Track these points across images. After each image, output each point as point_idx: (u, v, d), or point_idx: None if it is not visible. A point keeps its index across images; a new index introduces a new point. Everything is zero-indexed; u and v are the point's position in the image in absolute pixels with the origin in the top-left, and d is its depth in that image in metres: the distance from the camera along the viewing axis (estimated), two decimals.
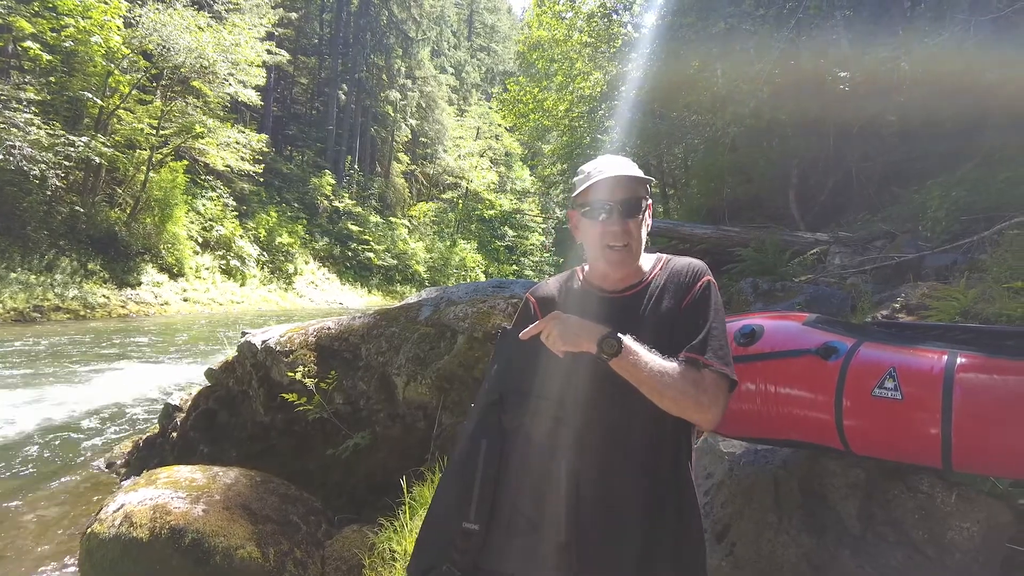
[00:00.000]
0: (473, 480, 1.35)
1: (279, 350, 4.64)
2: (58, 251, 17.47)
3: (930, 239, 5.98)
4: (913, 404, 1.66)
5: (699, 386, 1.28)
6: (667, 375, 1.26)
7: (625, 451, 1.36)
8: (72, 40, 17.01)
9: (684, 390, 1.27)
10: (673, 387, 1.26)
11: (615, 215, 1.40)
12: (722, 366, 1.32)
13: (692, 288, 1.42)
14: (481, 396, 1.50)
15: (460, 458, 1.44)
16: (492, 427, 1.40)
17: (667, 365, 1.27)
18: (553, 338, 1.30)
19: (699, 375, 1.30)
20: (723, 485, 2.40)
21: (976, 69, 6.45)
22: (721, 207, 10.81)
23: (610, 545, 1.31)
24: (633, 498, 1.34)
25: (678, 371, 1.28)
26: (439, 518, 1.44)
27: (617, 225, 1.40)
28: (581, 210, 1.46)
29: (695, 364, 1.31)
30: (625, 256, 1.42)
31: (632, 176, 1.40)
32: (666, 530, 1.34)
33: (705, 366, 1.31)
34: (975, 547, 1.83)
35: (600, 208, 1.41)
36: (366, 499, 4.04)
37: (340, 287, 32.47)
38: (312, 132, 39.18)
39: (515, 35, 48.78)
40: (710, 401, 1.29)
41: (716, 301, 1.41)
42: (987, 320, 3.37)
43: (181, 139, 21.83)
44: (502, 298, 4.54)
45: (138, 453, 5.35)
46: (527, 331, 1.35)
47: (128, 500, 3.17)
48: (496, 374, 1.50)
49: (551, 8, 16.69)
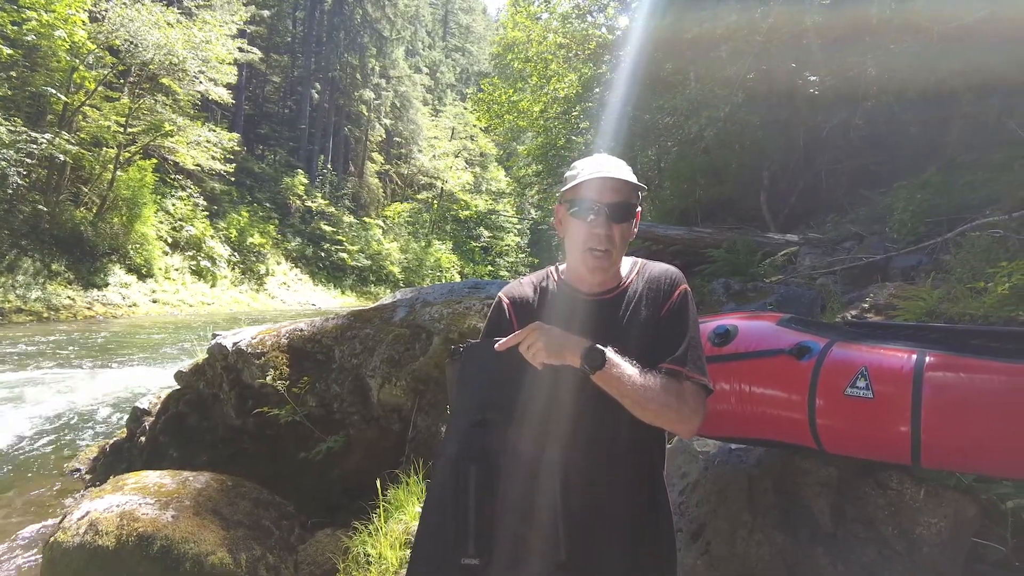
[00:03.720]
0: (467, 510, 1.27)
1: (250, 352, 4.57)
2: (20, 251, 16.94)
3: (897, 240, 6.11)
4: (884, 403, 1.69)
5: (681, 398, 1.29)
6: (649, 388, 1.25)
7: (609, 460, 1.35)
8: (34, 34, 16.50)
9: (667, 402, 1.27)
10: (656, 400, 1.26)
11: (602, 218, 1.35)
12: (701, 377, 1.33)
13: (671, 296, 1.41)
14: (459, 416, 1.42)
15: (446, 486, 1.33)
16: (478, 450, 1.32)
17: (649, 378, 1.26)
18: (536, 350, 1.24)
19: (680, 387, 1.30)
20: (698, 484, 2.42)
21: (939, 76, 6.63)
22: (694, 209, 10.91)
23: (600, 555, 1.32)
24: (617, 506, 1.34)
25: (660, 384, 1.27)
26: (431, 555, 1.34)
27: (602, 228, 1.35)
28: (569, 208, 1.41)
29: (676, 376, 1.31)
30: (604, 262, 1.39)
31: (625, 180, 1.36)
32: (646, 534, 1.35)
33: (687, 378, 1.31)
34: (942, 541, 1.87)
35: (588, 208, 1.36)
36: (340, 503, 3.99)
37: (313, 288, 32.07)
38: (284, 131, 38.65)
39: (490, 36, 48.75)
40: (691, 412, 1.30)
41: (693, 311, 1.42)
42: (952, 319, 3.45)
43: (150, 137, 21.34)
44: (477, 299, 4.53)
45: (105, 458, 5.22)
46: (505, 342, 1.29)
47: (94, 507, 3.09)
48: (472, 391, 1.42)
49: (526, 9, 16.70)
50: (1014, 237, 4.24)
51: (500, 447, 1.33)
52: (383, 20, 42.82)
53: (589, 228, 1.37)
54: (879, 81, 7.67)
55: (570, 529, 1.28)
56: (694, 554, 2.24)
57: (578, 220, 1.39)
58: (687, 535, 2.30)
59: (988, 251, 4.15)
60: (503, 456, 1.32)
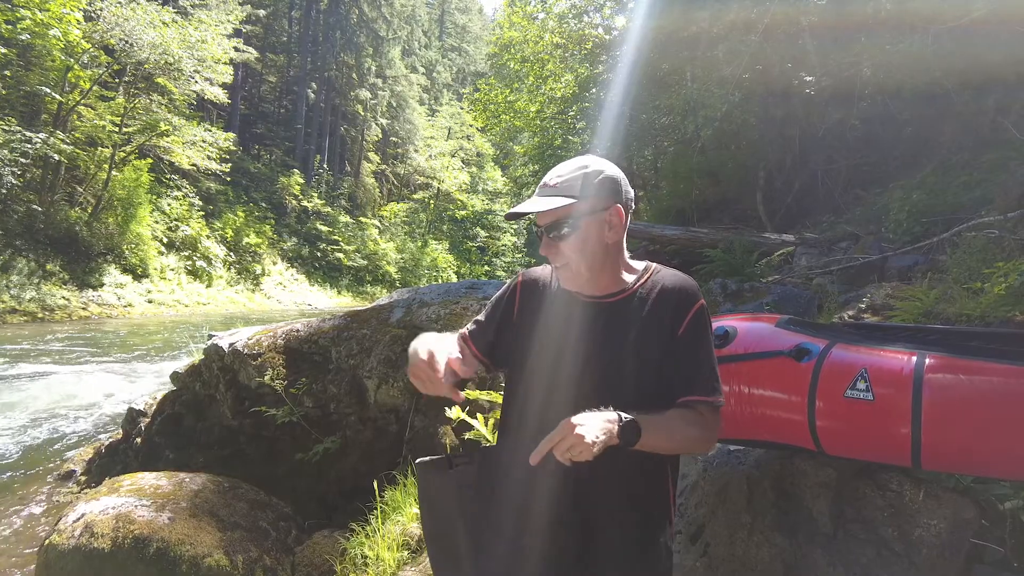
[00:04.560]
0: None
1: (247, 353, 4.55)
2: (14, 251, 16.86)
3: (893, 240, 6.12)
4: (885, 405, 1.69)
5: (703, 427, 1.31)
6: (676, 431, 1.28)
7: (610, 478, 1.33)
8: (29, 33, 16.40)
9: (691, 436, 1.30)
10: (684, 439, 1.31)
11: (545, 238, 1.38)
12: (717, 398, 1.34)
13: (687, 313, 1.36)
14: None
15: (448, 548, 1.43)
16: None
17: (673, 421, 1.28)
18: (580, 449, 1.12)
19: (699, 415, 1.31)
20: (697, 486, 2.41)
21: (934, 76, 6.65)
22: (690, 209, 10.95)
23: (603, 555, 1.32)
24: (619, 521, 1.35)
25: (682, 421, 1.29)
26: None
27: (546, 249, 1.39)
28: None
29: (694, 404, 1.32)
30: (568, 274, 1.39)
31: (545, 210, 1.34)
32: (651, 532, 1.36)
33: (707, 403, 1.32)
34: (941, 543, 1.87)
35: (536, 231, 1.43)
36: (337, 504, 3.98)
37: (309, 288, 32.01)
38: (280, 131, 38.60)
39: (486, 36, 48.71)
40: (711, 435, 1.35)
41: (710, 329, 1.40)
42: (949, 320, 3.46)
43: (145, 137, 21.24)
44: (475, 299, 4.52)
45: (100, 460, 5.19)
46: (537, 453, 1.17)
47: (89, 509, 3.07)
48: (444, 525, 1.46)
49: (522, 9, 16.69)
50: (1009, 237, 4.26)
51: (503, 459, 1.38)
52: (379, 20, 42.77)
53: (543, 247, 1.40)
54: (875, 81, 7.69)
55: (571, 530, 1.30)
56: (693, 556, 2.23)
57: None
58: (686, 537, 2.30)
59: (984, 251, 4.16)
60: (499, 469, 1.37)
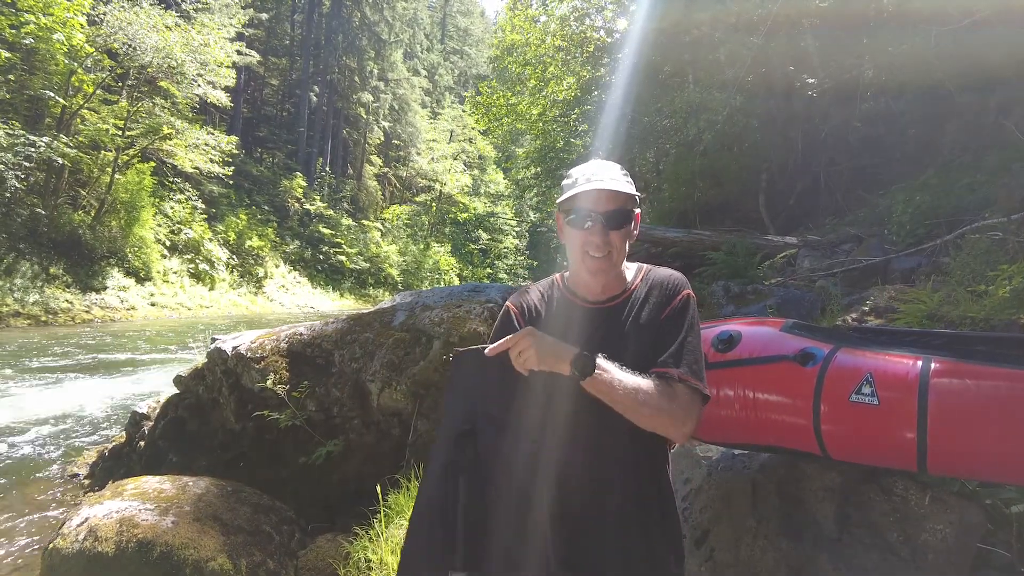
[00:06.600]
0: (455, 522, 1.27)
1: (250, 356, 4.55)
2: (18, 254, 16.90)
3: (896, 243, 6.12)
4: (890, 409, 1.68)
5: (673, 401, 1.28)
6: (641, 392, 1.25)
7: (607, 469, 1.35)
8: (32, 37, 16.47)
9: (659, 406, 1.26)
10: (647, 404, 1.25)
11: (598, 226, 1.38)
12: (695, 381, 1.32)
13: (672, 301, 1.41)
14: (448, 425, 1.41)
15: (435, 497, 1.34)
16: (468, 461, 1.33)
17: (641, 382, 1.26)
18: (526, 356, 1.24)
19: (672, 390, 1.29)
20: (701, 490, 2.41)
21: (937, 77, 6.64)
22: (692, 211, 10.93)
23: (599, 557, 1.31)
24: (617, 516, 1.33)
25: (652, 387, 1.27)
26: (419, 566, 1.35)
27: (599, 236, 1.38)
28: (566, 216, 1.45)
29: (668, 378, 1.30)
30: (605, 265, 1.41)
31: (618, 191, 1.38)
32: (649, 542, 1.34)
33: (680, 380, 1.30)
34: (948, 548, 1.87)
35: (584, 217, 1.39)
36: (340, 507, 3.97)
37: (311, 291, 32.02)
38: (283, 134, 38.66)
39: (488, 39, 48.76)
40: (684, 415, 1.29)
41: (693, 315, 1.41)
42: (952, 322, 3.45)
43: (148, 140, 21.26)
44: (478, 302, 4.52)
45: (103, 463, 5.19)
46: (495, 347, 1.29)
47: (93, 513, 3.07)
48: (461, 400, 1.42)
49: (524, 12, 16.71)
50: (1013, 239, 4.25)
51: (490, 456, 1.33)
52: (381, 23, 42.86)
53: (586, 236, 1.40)
54: (877, 82, 7.69)
55: (567, 533, 1.29)
56: (698, 560, 2.23)
57: (576, 229, 1.42)
58: (691, 541, 2.29)
59: (988, 253, 4.16)
60: (494, 465, 1.33)
